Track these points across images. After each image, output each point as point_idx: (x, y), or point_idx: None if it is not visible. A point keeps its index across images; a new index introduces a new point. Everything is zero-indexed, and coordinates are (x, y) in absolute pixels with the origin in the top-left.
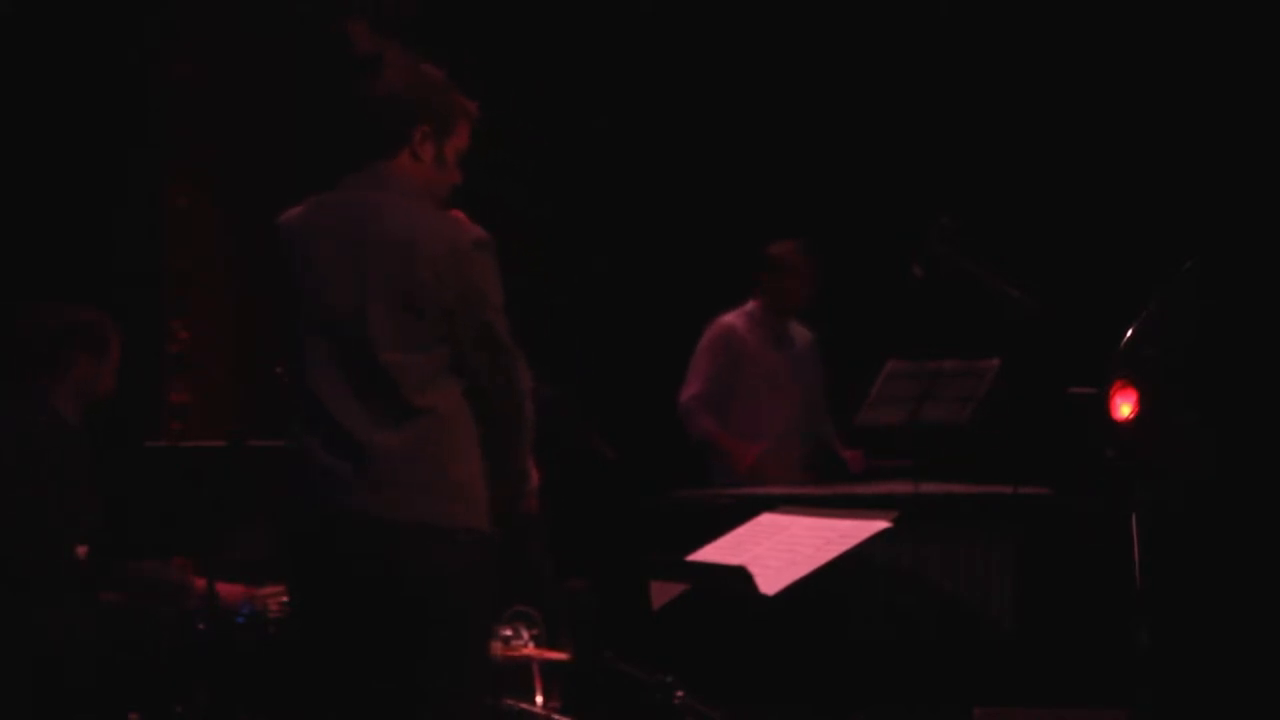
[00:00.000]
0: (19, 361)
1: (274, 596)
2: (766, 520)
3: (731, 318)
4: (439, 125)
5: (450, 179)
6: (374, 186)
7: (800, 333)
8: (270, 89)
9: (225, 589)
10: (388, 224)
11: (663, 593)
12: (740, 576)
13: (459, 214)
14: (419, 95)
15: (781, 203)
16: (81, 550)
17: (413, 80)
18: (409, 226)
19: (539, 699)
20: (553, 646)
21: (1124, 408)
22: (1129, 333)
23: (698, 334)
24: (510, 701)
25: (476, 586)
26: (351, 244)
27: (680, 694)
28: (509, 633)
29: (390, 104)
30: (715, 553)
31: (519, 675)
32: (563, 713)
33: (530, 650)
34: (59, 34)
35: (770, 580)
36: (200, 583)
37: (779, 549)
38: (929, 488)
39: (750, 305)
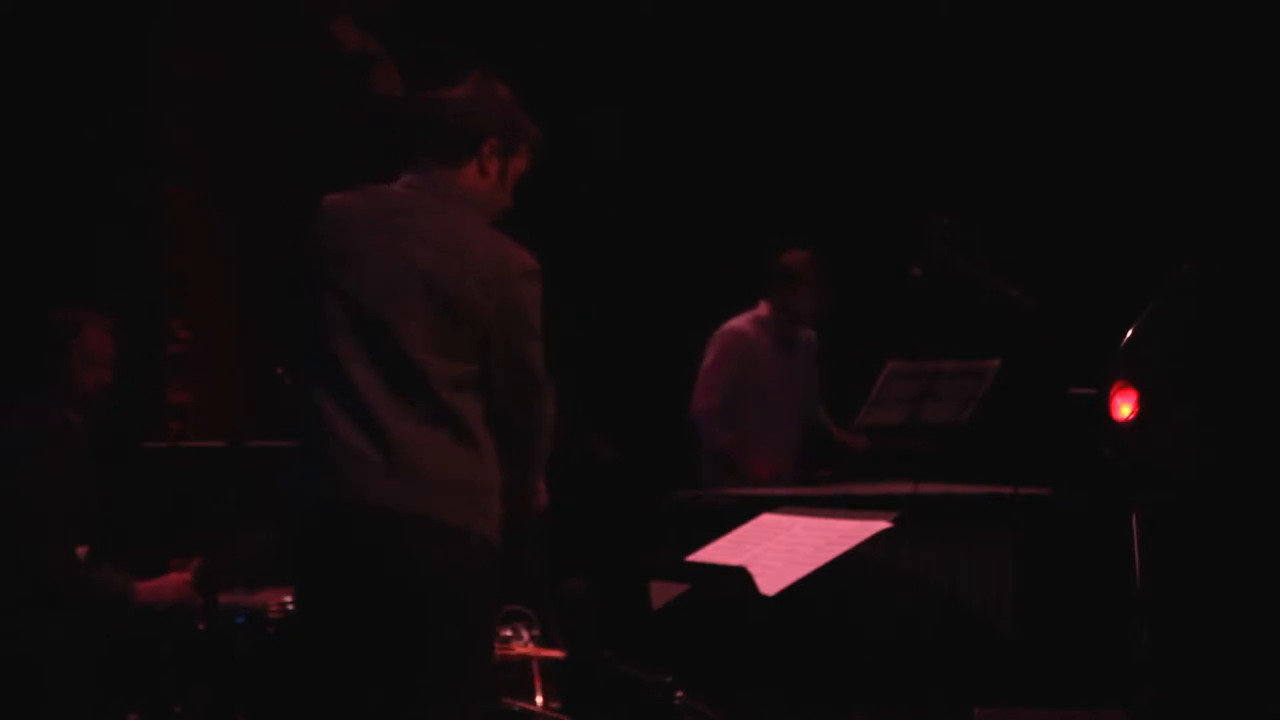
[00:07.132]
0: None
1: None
2: (766, 520)
3: (742, 323)
4: (507, 143)
5: (505, 200)
6: (434, 192)
7: (804, 332)
8: (270, 89)
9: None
10: (442, 232)
11: (663, 593)
12: (740, 576)
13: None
14: (494, 109)
15: (781, 203)
16: (81, 550)
17: (489, 94)
18: (464, 238)
19: (539, 699)
20: (547, 645)
21: (1124, 408)
22: (1129, 333)
23: (697, 333)
24: (510, 701)
25: (482, 591)
26: (401, 242)
27: (680, 694)
28: (509, 633)
29: (468, 112)
30: (715, 553)
31: (518, 675)
32: (563, 712)
33: (527, 649)
34: (58, 33)
35: (770, 580)
36: (143, 589)
37: (779, 549)
38: (929, 488)
39: (760, 310)
